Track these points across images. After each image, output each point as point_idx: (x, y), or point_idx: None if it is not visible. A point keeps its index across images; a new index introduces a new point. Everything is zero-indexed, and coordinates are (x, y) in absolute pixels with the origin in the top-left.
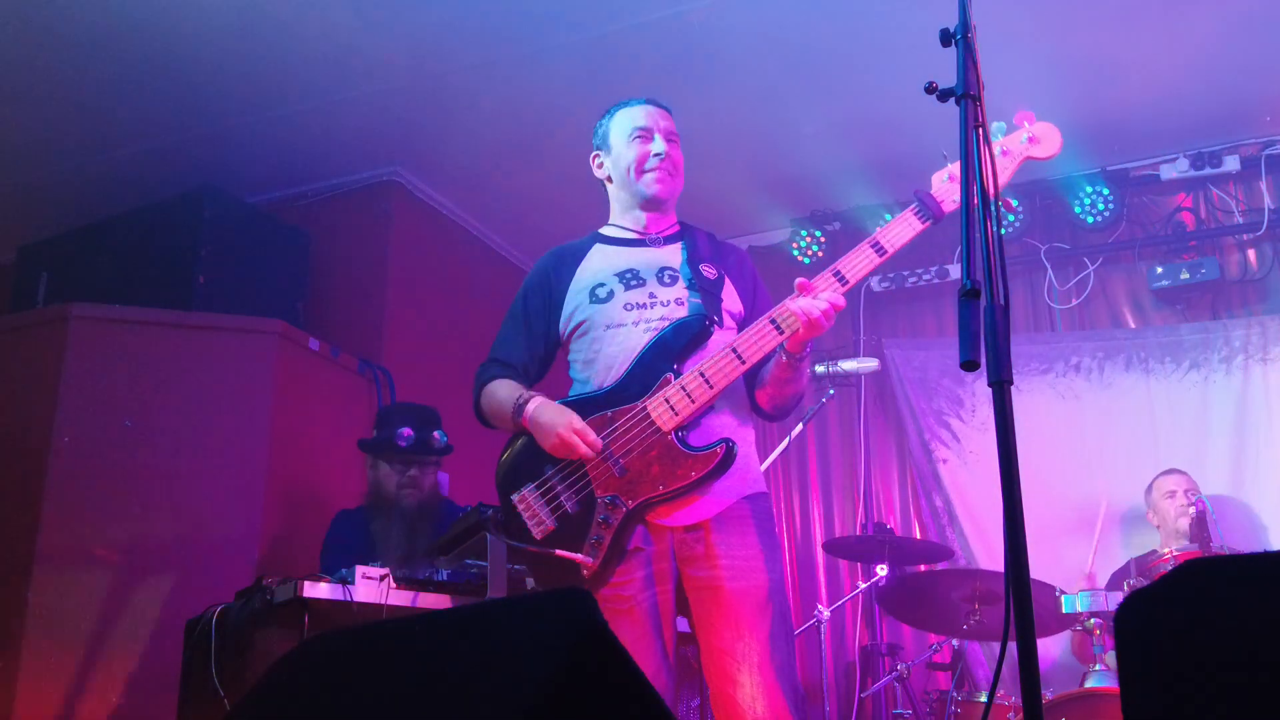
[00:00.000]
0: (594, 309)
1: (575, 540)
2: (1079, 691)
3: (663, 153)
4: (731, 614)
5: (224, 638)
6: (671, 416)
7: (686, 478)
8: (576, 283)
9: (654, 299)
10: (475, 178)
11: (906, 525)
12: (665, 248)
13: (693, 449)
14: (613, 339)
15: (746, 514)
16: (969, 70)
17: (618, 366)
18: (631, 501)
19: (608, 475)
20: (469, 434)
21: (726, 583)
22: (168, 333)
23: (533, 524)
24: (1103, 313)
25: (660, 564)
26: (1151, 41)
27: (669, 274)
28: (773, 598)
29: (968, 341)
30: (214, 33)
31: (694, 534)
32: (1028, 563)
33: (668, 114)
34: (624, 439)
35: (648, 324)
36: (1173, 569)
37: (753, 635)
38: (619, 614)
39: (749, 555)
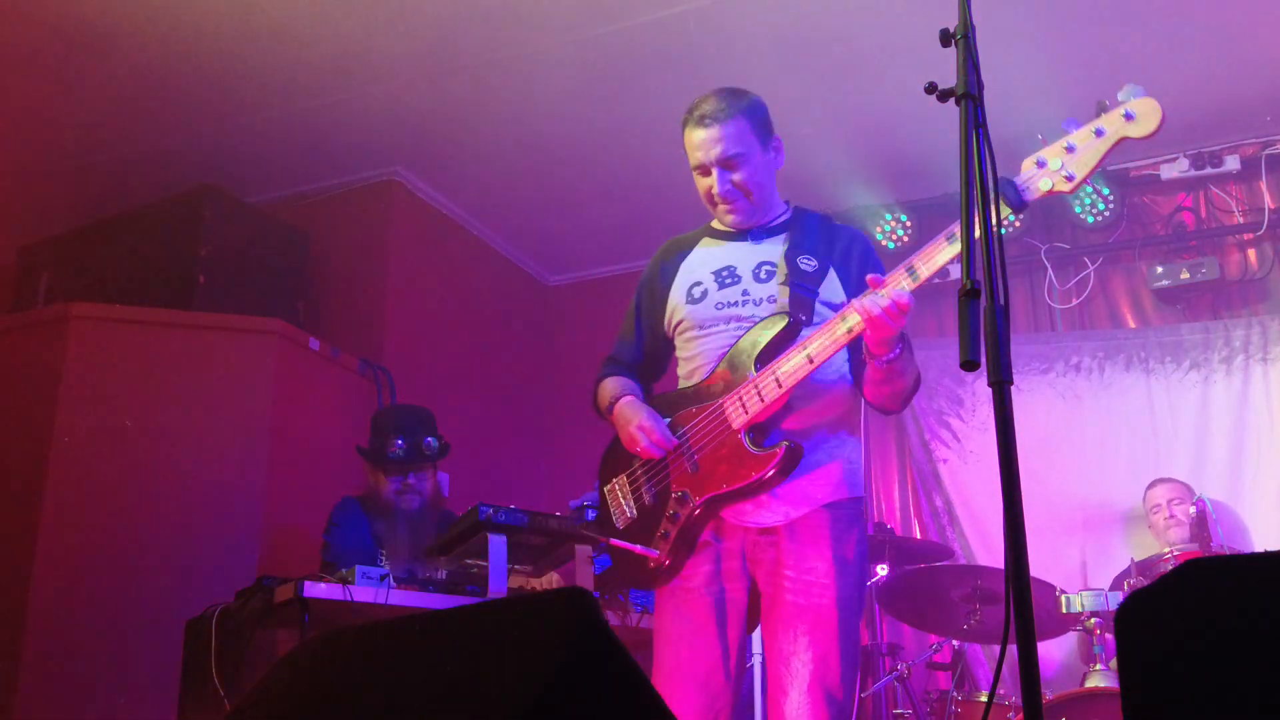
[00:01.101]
0: (689, 309)
1: (649, 532)
2: (1079, 691)
3: (724, 192)
4: (790, 628)
5: (224, 637)
6: (742, 415)
7: (748, 477)
8: (678, 280)
9: (747, 297)
10: (475, 178)
11: (907, 525)
12: (770, 240)
13: (757, 449)
14: (707, 339)
15: (823, 523)
16: (969, 70)
17: (709, 365)
18: (699, 498)
19: (682, 471)
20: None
21: (789, 595)
22: (168, 332)
23: (616, 514)
24: (1103, 312)
25: (730, 562)
26: (1151, 41)
27: (766, 269)
28: (837, 615)
29: (968, 341)
30: (214, 33)
31: (767, 538)
32: (1028, 562)
33: (721, 126)
34: (700, 436)
35: (739, 324)
36: (1173, 569)
37: (809, 652)
38: (684, 604)
39: (817, 569)
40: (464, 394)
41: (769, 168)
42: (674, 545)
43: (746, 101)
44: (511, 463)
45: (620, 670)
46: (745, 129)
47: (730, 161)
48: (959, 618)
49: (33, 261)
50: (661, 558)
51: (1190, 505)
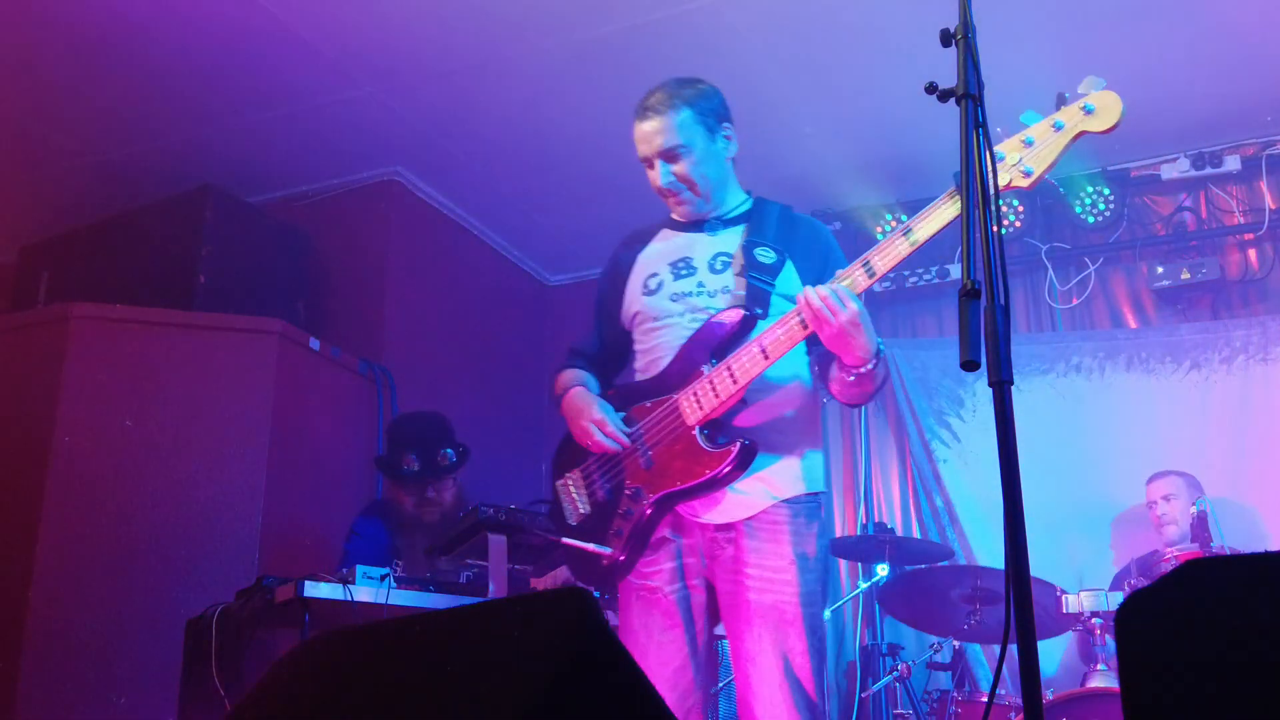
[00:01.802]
0: (645, 300)
1: (603, 528)
2: (1079, 691)
3: (666, 185)
4: (753, 626)
5: (224, 637)
6: (697, 411)
7: (701, 475)
8: (635, 272)
9: (702, 288)
10: (475, 178)
11: (907, 525)
12: (727, 230)
13: (711, 446)
14: (661, 331)
15: (782, 519)
16: (970, 70)
17: (664, 359)
18: (653, 495)
19: (636, 467)
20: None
21: (750, 594)
22: (168, 332)
23: (569, 510)
24: (1103, 313)
25: (689, 558)
26: (1152, 41)
27: (722, 260)
28: (800, 612)
29: (968, 341)
30: (214, 33)
31: (725, 534)
32: (1028, 563)
33: (661, 118)
34: (655, 431)
35: (694, 315)
36: (1173, 569)
37: (774, 649)
38: (647, 605)
39: (778, 566)
40: (464, 394)
41: (717, 158)
42: (627, 542)
43: (693, 91)
44: (511, 463)
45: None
46: (688, 120)
47: (670, 153)
48: (959, 618)
49: (33, 261)
50: (615, 555)
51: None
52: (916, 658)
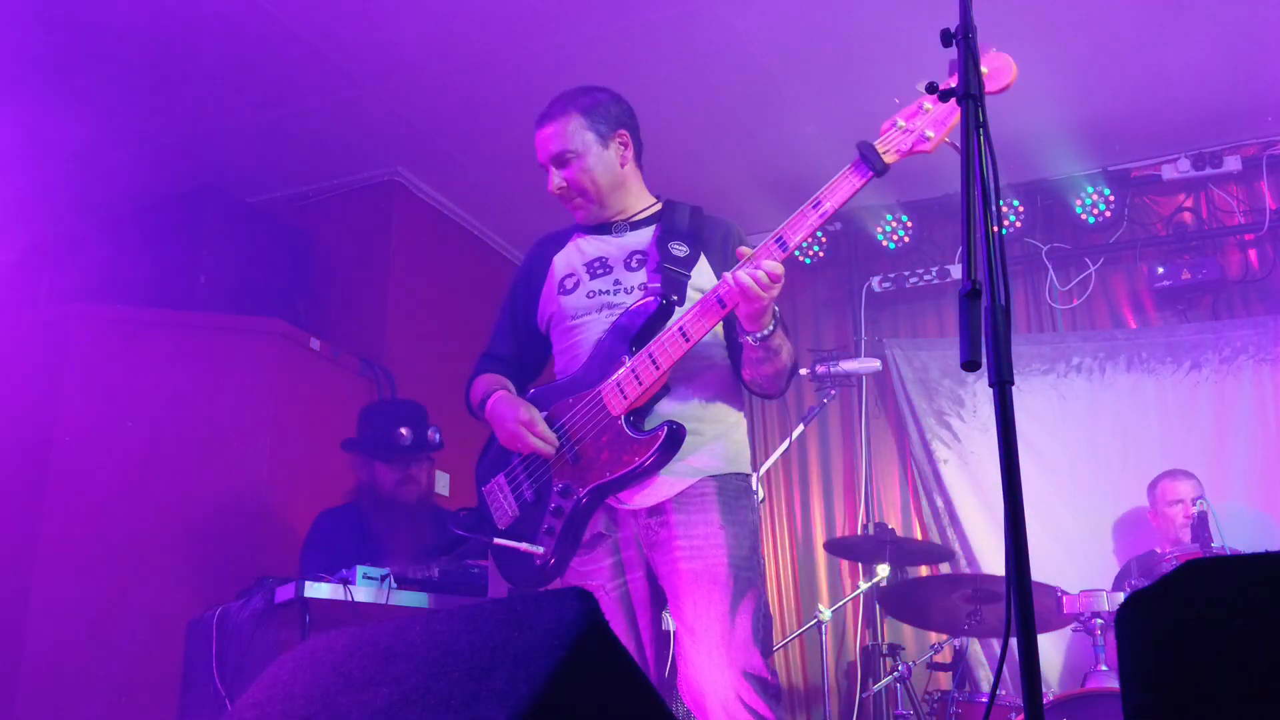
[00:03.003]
0: (561, 300)
1: (533, 529)
2: (1079, 691)
3: (555, 188)
4: (688, 594)
5: (225, 637)
6: (621, 400)
7: (630, 463)
8: (551, 275)
9: (618, 285)
10: (475, 178)
11: (907, 525)
12: (637, 232)
13: (639, 433)
14: (580, 329)
15: (709, 491)
16: (970, 70)
17: (583, 355)
18: (583, 488)
19: (563, 462)
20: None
21: (682, 564)
22: (168, 333)
23: (497, 514)
24: (1104, 313)
25: (628, 551)
26: (1153, 41)
27: (637, 258)
28: (733, 575)
29: (969, 342)
30: (214, 33)
31: (657, 518)
32: (1029, 563)
33: (550, 124)
34: (579, 425)
35: (611, 311)
36: (1173, 569)
37: (709, 614)
38: None
39: (707, 534)
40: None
41: (610, 163)
42: (560, 540)
43: (587, 99)
44: None
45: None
46: (578, 125)
47: (561, 158)
48: (960, 618)
49: (33, 261)
50: (547, 554)
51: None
52: (918, 658)
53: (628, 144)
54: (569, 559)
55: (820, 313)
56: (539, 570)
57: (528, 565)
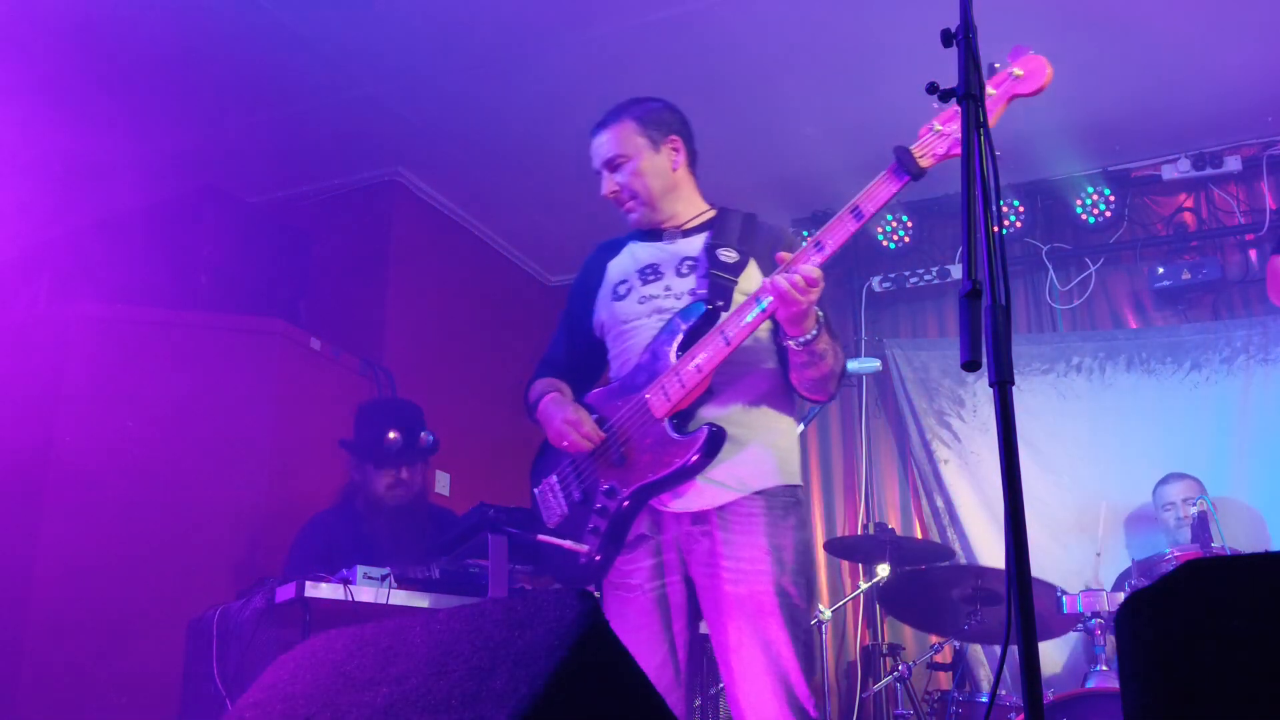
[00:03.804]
0: (614, 306)
1: (580, 528)
2: (1080, 691)
3: (608, 192)
4: (733, 619)
5: (225, 637)
6: (664, 403)
7: (671, 464)
8: (606, 281)
9: (669, 291)
10: (476, 178)
11: (908, 525)
12: (689, 238)
13: (680, 435)
14: (631, 334)
15: (756, 510)
16: (970, 71)
17: (633, 360)
18: (626, 489)
19: (609, 464)
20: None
21: (727, 586)
22: (169, 332)
23: (547, 513)
24: (1104, 313)
25: (668, 554)
26: (1153, 42)
27: (688, 264)
28: (778, 601)
29: (969, 342)
30: (214, 33)
31: (700, 527)
32: (1029, 563)
33: (604, 131)
34: (626, 428)
35: (661, 316)
36: (1173, 569)
37: (754, 641)
38: (625, 603)
39: (753, 557)
40: (464, 394)
41: (660, 168)
42: (604, 539)
43: (640, 107)
44: (511, 463)
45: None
46: (631, 131)
47: (613, 162)
48: (960, 618)
49: (33, 261)
50: (592, 552)
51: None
52: (918, 658)
53: (680, 150)
54: (613, 558)
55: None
56: (584, 568)
57: (572, 563)
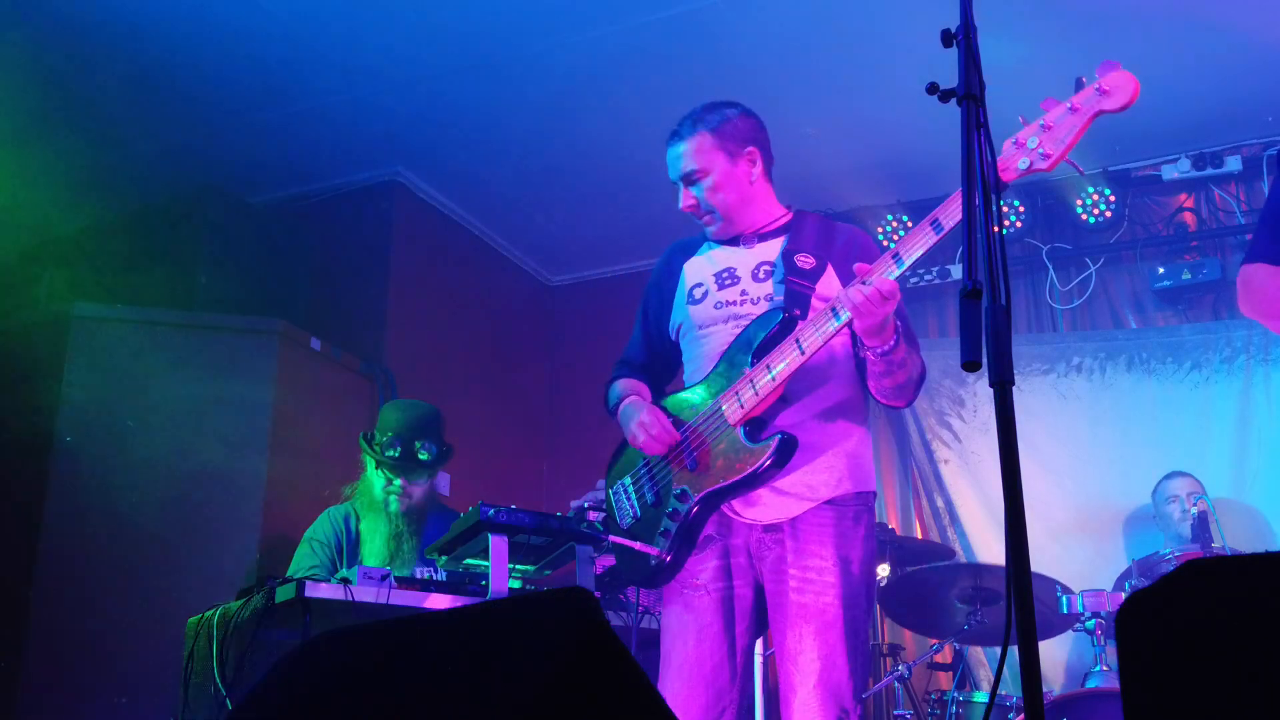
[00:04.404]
0: (690, 310)
1: (652, 530)
2: (1079, 692)
3: (687, 205)
4: (795, 627)
5: (225, 637)
6: (738, 409)
7: (743, 471)
8: (681, 284)
9: (745, 296)
10: (476, 178)
11: (908, 525)
12: (766, 243)
13: (752, 443)
14: (708, 339)
15: (827, 521)
16: (970, 71)
17: (709, 365)
18: (697, 494)
19: (682, 468)
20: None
21: (792, 594)
22: (169, 332)
23: (620, 514)
24: (1104, 313)
25: (737, 558)
26: (1153, 41)
27: (765, 269)
28: (843, 614)
29: (969, 342)
30: (214, 33)
31: (772, 535)
32: (1029, 563)
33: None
34: (700, 433)
35: (738, 322)
36: (1173, 569)
37: (814, 651)
38: (689, 601)
39: (821, 568)
40: (465, 394)
41: (738, 180)
42: (674, 542)
43: (716, 116)
44: (512, 463)
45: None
46: (707, 144)
47: (691, 177)
48: (960, 618)
49: (33, 261)
50: (662, 554)
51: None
52: (918, 658)
53: (756, 160)
54: (683, 559)
55: None
56: (654, 569)
57: (643, 563)
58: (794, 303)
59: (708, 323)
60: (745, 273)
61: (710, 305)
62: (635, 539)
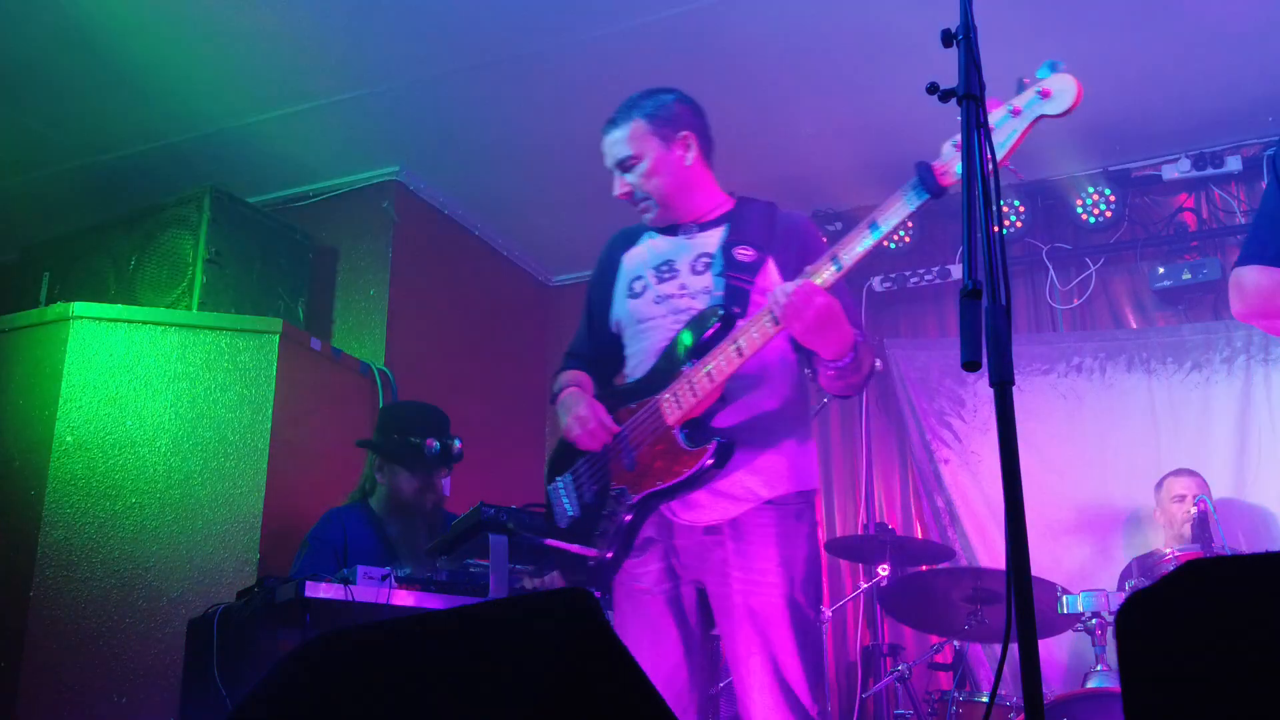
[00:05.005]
0: (630, 304)
1: (590, 529)
2: (1080, 691)
3: (622, 192)
4: (743, 630)
5: (226, 637)
6: (676, 410)
7: (680, 474)
8: (620, 276)
9: (684, 290)
10: (476, 178)
11: (908, 525)
12: (706, 233)
13: (690, 445)
14: (647, 334)
15: (769, 521)
16: (970, 71)
17: (648, 361)
18: (635, 495)
19: (621, 468)
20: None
21: (738, 596)
22: (169, 332)
23: (558, 512)
24: (1104, 313)
25: (679, 559)
26: (1153, 42)
27: (704, 261)
28: (789, 613)
29: (969, 342)
30: (215, 33)
31: (713, 537)
32: (1029, 563)
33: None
34: (638, 432)
35: (677, 317)
36: (1174, 569)
37: (765, 653)
38: (639, 604)
39: (765, 569)
40: (465, 394)
41: (673, 165)
42: (612, 542)
43: (651, 102)
44: (512, 463)
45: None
46: (641, 130)
47: (625, 163)
48: (960, 618)
49: (34, 261)
50: (600, 555)
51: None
52: (918, 658)
53: (692, 145)
54: (623, 559)
55: None
56: (592, 570)
57: (582, 565)
58: (732, 299)
59: (647, 317)
60: (684, 265)
61: (650, 299)
62: (573, 539)
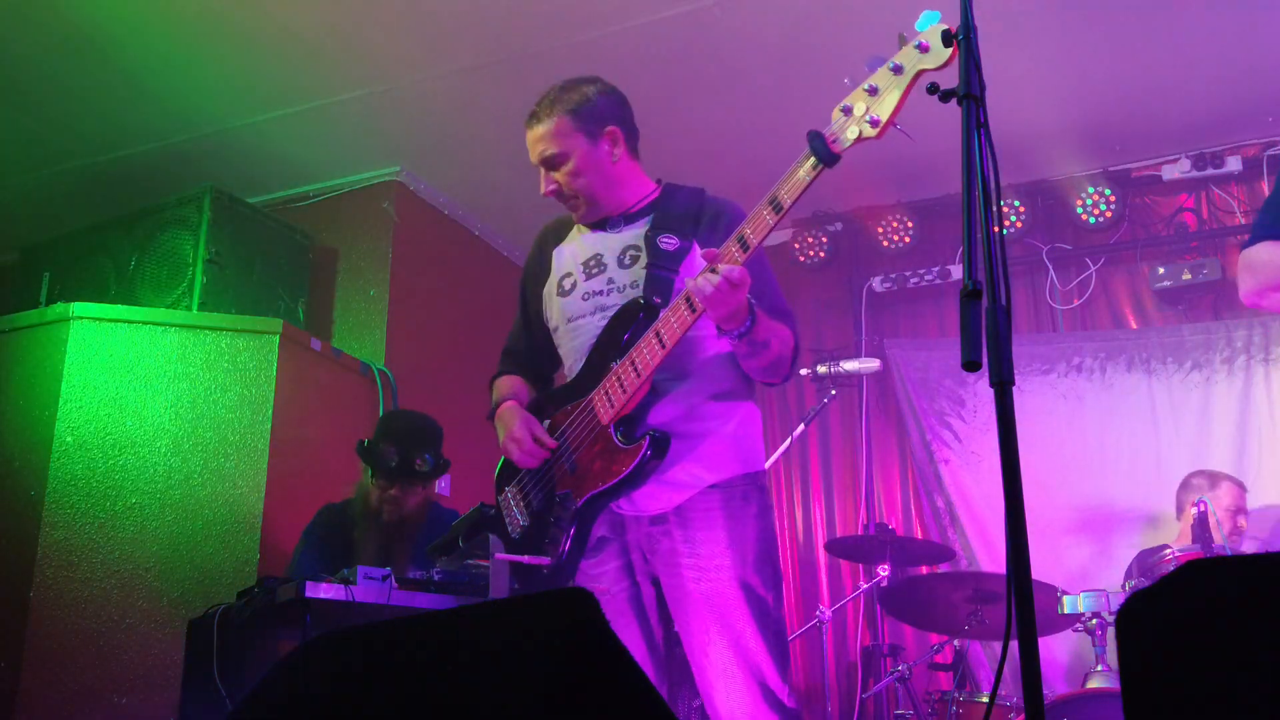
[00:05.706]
0: (561, 302)
1: (540, 537)
2: (1080, 692)
3: (549, 189)
4: (699, 617)
5: (226, 637)
6: (609, 409)
7: (619, 474)
8: (552, 273)
9: (611, 285)
10: (476, 178)
11: (908, 525)
12: (632, 225)
13: (625, 443)
14: (578, 333)
15: (714, 505)
16: (971, 71)
17: (580, 360)
18: (579, 498)
19: (564, 472)
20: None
21: (690, 584)
22: (169, 333)
23: (510, 523)
24: (1104, 313)
25: (634, 554)
26: (1154, 41)
27: (631, 254)
28: (744, 595)
29: (969, 342)
30: (215, 33)
31: (659, 527)
32: (1029, 563)
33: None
34: (576, 434)
35: (604, 314)
36: (1174, 569)
37: (724, 639)
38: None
39: (714, 552)
40: (465, 394)
41: (600, 162)
42: (562, 546)
43: (574, 96)
44: None
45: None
46: (566, 127)
47: (551, 161)
48: (960, 618)
49: (34, 261)
50: (553, 563)
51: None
52: (918, 658)
53: (619, 139)
54: (577, 561)
55: (821, 313)
56: (546, 579)
57: (536, 575)
58: (656, 289)
59: (577, 315)
60: (611, 259)
61: (579, 296)
62: (524, 549)
